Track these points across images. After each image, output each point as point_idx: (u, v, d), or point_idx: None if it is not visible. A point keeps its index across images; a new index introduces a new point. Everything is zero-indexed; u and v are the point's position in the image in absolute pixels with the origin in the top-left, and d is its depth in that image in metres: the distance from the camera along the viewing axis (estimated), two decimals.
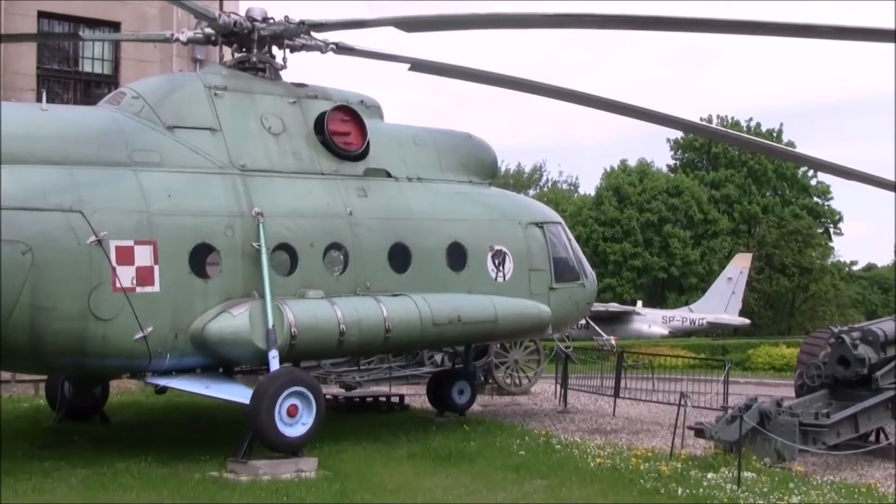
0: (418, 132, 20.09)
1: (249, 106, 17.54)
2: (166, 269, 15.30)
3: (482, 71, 18.91)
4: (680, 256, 75.54)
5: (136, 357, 15.17)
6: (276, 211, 16.70)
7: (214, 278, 15.93)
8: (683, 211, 77.39)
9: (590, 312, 31.04)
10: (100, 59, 28.31)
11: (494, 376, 28.39)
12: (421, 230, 18.72)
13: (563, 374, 26.17)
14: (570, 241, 21.83)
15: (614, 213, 76.27)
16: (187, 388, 15.86)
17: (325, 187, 17.73)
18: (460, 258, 19.25)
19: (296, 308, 16.12)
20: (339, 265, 17.86)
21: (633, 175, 79.81)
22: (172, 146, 16.27)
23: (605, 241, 75.81)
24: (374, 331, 17.11)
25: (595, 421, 22.98)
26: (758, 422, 17.01)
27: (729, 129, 67.52)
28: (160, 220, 15.39)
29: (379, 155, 18.92)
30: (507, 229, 20.24)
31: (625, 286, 74.70)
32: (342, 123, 18.39)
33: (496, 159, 21.62)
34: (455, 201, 19.68)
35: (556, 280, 20.79)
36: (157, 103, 16.62)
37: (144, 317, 14.98)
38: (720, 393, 23.59)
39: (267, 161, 17.21)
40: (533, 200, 24.10)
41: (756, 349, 47.54)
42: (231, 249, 16.07)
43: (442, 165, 19.97)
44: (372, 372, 26.03)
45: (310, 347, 16.52)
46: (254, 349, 15.56)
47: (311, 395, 15.25)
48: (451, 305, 18.37)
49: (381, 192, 18.55)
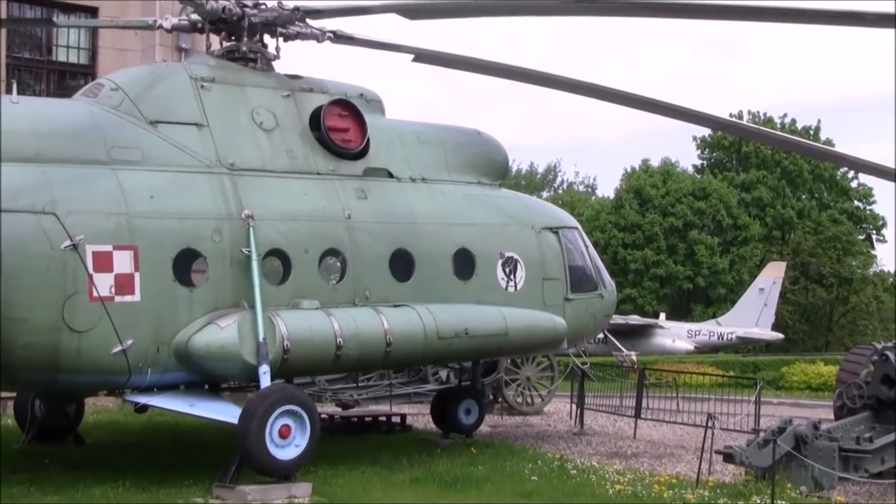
0: (423, 129, 20.12)
1: (239, 99, 17.57)
2: (148, 276, 15.31)
3: (492, 62, 18.95)
4: (707, 265, 75.45)
5: (115, 372, 15.16)
6: (268, 214, 16.73)
7: (200, 287, 15.94)
8: (711, 215, 77.35)
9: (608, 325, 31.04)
10: (75, 47, 28.37)
11: (504, 394, 28.39)
12: (425, 235, 18.74)
13: (579, 392, 26.14)
14: (587, 248, 21.83)
15: (635, 217, 76.25)
16: (170, 407, 15.85)
17: (321, 188, 17.76)
18: (468, 266, 19.27)
19: (289, 319, 16.14)
20: (336, 273, 17.87)
21: (657, 176, 79.82)
22: (155, 143, 16.29)
23: (625, 248, 75.79)
24: (374, 344, 17.12)
25: (614, 444, 22.95)
26: (793, 446, 16.98)
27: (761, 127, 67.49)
28: (141, 224, 15.41)
29: (380, 153, 18.95)
30: (519, 235, 20.26)
31: (647, 297, 74.67)
32: (340, 119, 18.43)
33: (507, 158, 21.64)
34: (462, 204, 19.70)
35: (571, 290, 20.80)
36: (138, 96, 16.65)
37: (124, 328, 14.98)
38: (751, 414, 23.54)
39: (258, 159, 17.24)
40: (547, 203, 24.15)
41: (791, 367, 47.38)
42: (218, 255, 16.09)
43: (448, 165, 20.00)
44: (371, 389, 26.05)
45: (304, 362, 16.52)
46: (243, 364, 15.57)
47: (305, 415, 15.24)
48: (457, 317, 18.39)
49: (382, 194, 18.57)
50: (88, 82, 19.76)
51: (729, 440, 20.05)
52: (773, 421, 20.23)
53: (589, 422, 25.98)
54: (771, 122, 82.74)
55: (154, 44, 27.27)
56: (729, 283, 76.59)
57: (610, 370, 31.72)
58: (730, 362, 49.76)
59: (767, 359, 53.38)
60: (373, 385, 26.37)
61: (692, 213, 76.49)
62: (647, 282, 75.23)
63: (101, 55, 28.09)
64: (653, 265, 75.19)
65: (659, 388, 29.99)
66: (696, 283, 75.99)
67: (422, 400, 26.92)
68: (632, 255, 75.25)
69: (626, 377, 29.82)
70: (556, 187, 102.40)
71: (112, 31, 27.48)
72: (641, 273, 75.23)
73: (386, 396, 25.83)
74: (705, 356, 53.95)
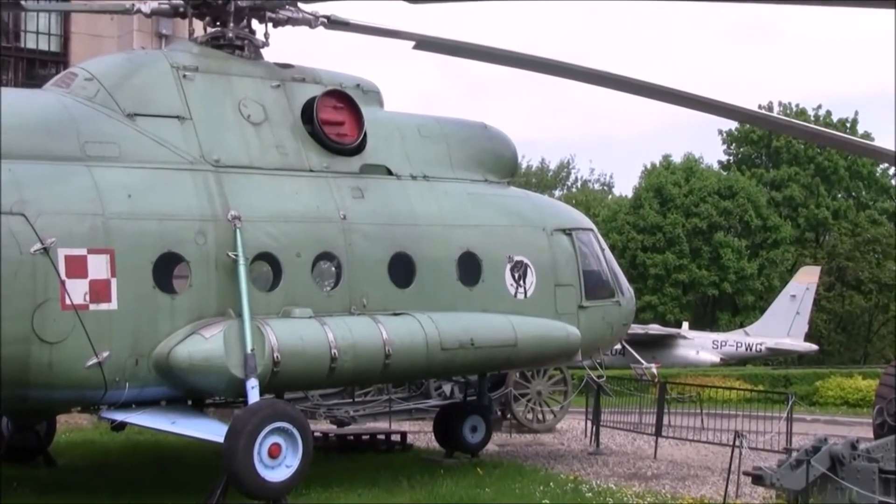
0: (425, 122, 20.15)
1: (225, 90, 17.60)
2: (125, 282, 15.32)
3: (500, 50, 18.96)
4: (734, 270, 75.38)
5: (89, 387, 15.18)
6: (257, 214, 16.76)
7: (183, 294, 15.97)
8: (738, 216, 77.28)
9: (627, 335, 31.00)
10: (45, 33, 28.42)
11: (513, 410, 28.39)
12: (427, 238, 18.77)
13: (594, 408, 26.11)
14: (603, 251, 21.85)
15: (656, 218, 76.21)
16: (150, 424, 15.89)
17: (314, 186, 17.79)
18: (473, 271, 19.30)
19: (279, 329, 16.14)
20: (331, 279, 17.89)
21: (679, 173, 79.76)
22: (133, 137, 16.32)
23: (644, 252, 75.75)
24: (372, 356, 17.13)
25: (633, 464, 22.94)
26: (828, 467, 16.94)
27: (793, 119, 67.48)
28: (118, 225, 15.42)
29: (378, 148, 18.99)
30: (529, 237, 20.29)
31: (668, 304, 74.60)
32: (335, 111, 18.46)
33: (516, 154, 21.68)
34: (467, 204, 19.73)
35: (586, 297, 20.82)
36: (114, 86, 16.68)
37: (99, 339, 15.00)
38: (782, 432, 23.53)
39: (245, 155, 17.27)
40: (559, 203, 24.12)
41: (825, 380, 47.36)
42: (203, 260, 16.11)
43: (452, 161, 20.03)
44: (369, 405, 26.05)
45: (295, 376, 16.53)
46: (229, 378, 15.58)
47: (297, 433, 15.28)
48: (462, 327, 18.40)
49: (381, 193, 18.60)
50: (60, 71, 19.79)
51: (758, 460, 20.02)
52: (806, 440, 20.23)
53: (605, 440, 25.96)
54: (804, 115, 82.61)
55: (132, 29, 27.32)
56: (758, 289, 76.49)
57: (628, 384, 31.67)
58: (759, 376, 49.73)
59: (800, 372, 53.27)
60: (370, 400, 26.37)
61: (717, 214, 76.40)
62: (669, 288, 75.13)
63: (74, 42, 28.14)
64: (675, 270, 75.09)
65: (681, 404, 29.97)
66: (722, 289, 75.86)
67: (424, 416, 26.92)
68: (652, 259, 75.19)
69: (645, 392, 29.80)
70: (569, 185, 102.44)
71: (86, 16, 27.49)
72: (662, 279, 75.15)
73: (385, 413, 25.83)
74: (732, 369, 53.90)
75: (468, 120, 21.14)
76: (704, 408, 28.87)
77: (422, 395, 27.00)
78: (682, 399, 31.45)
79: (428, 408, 26.42)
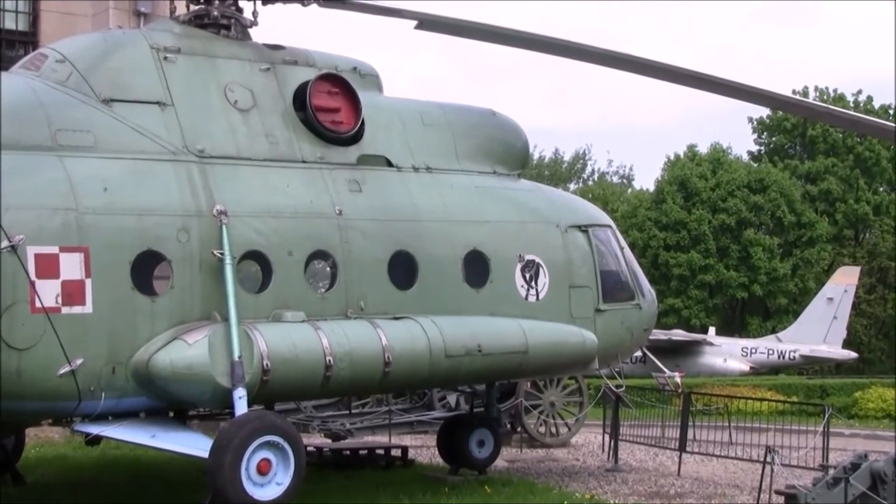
0: (428, 109, 20.17)
1: (209, 74, 17.62)
2: (101, 283, 15.33)
3: (510, 30, 18.93)
4: (765, 270, 75.42)
5: (62, 398, 15.18)
6: (244, 209, 16.77)
7: (164, 296, 15.99)
8: (770, 211, 77.28)
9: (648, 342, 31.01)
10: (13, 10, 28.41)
11: (524, 423, 28.41)
12: (430, 235, 18.79)
13: (612, 421, 26.14)
14: (622, 250, 21.87)
15: (680, 213, 76.25)
16: (128, 438, 15.90)
17: (307, 179, 17.80)
18: (481, 271, 19.31)
19: (269, 334, 16.15)
20: (326, 279, 17.91)
21: (705, 165, 79.79)
22: (109, 125, 16.33)
23: (667, 250, 75.79)
24: (370, 364, 17.15)
25: (655, 482, 22.95)
26: (869, 486, 16.93)
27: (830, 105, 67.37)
28: (93, 221, 15.43)
29: (377, 138, 19.01)
30: (542, 234, 20.31)
31: (693, 308, 74.66)
32: (329, 97, 18.47)
33: (527, 144, 21.71)
34: (474, 198, 19.75)
35: (604, 300, 20.84)
36: (88, 69, 16.69)
37: (72, 345, 15.00)
38: (818, 448, 23.53)
39: (232, 145, 17.29)
40: (575, 197, 24.13)
41: (865, 391, 47.42)
42: (185, 259, 16.12)
43: (458, 151, 20.05)
44: (367, 417, 26.06)
45: (287, 385, 16.53)
46: (214, 387, 15.59)
47: (289, 447, 15.31)
48: (468, 332, 18.43)
49: (380, 186, 18.62)
50: (29, 52, 19.80)
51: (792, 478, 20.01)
52: (844, 456, 20.20)
53: (625, 456, 25.97)
54: (842, 101, 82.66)
55: (107, 7, 27.32)
56: (791, 291, 76.54)
57: (650, 395, 31.70)
58: (793, 386, 49.80)
59: (838, 381, 53.35)
60: (369, 412, 26.39)
61: (747, 209, 76.43)
62: (694, 290, 75.19)
63: (44, 20, 28.14)
64: (700, 271, 75.13)
65: (708, 417, 29.99)
66: (752, 291, 75.89)
67: (426, 430, 26.95)
68: (675, 259, 75.23)
69: (668, 403, 29.81)
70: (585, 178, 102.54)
71: None
72: (687, 280, 75.20)
73: (384, 426, 25.83)
74: (763, 378, 53.98)
75: (475, 106, 21.15)
76: (733, 421, 28.89)
77: (424, 406, 27.02)
78: (709, 411, 31.46)
79: (431, 420, 26.44)
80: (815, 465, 21.58)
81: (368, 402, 26.86)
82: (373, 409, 26.58)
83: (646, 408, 29.65)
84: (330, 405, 25.73)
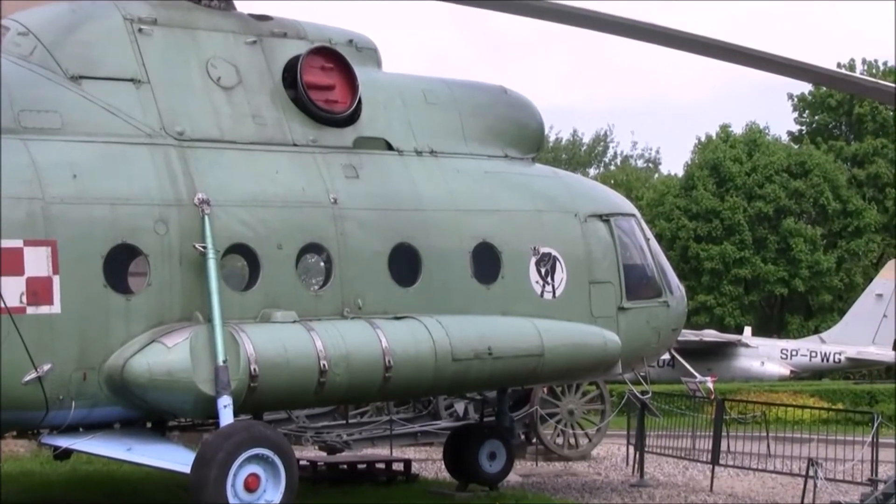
0: (432, 86, 20.16)
1: (189, 48, 17.61)
2: (70, 280, 15.35)
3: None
4: (807, 263, 75.30)
5: (27, 407, 15.21)
6: (229, 198, 16.77)
7: (140, 294, 16.00)
8: (812, 198, 77.17)
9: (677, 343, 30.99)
10: None
11: (540, 434, 28.42)
12: (435, 225, 18.78)
13: (637, 431, 26.15)
14: (647, 242, 21.85)
15: (712, 201, 76.15)
16: (101, 452, 15.94)
17: (298, 164, 17.80)
18: (491, 265, 19.31)
19: (257, 337, 16.15)
20: (319, 275, 17.93)
21: (740, 147, 79.69)
22: (78, 105, 16.34)
23: (698, 242, 75.70)
24: (369, 369, 17.14)
25: (684, 498, 22.97)
26: None
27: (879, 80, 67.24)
28: (61, 212, 15.44)
29: (376, 118, 19.00)
30: (559, 224, 20.31)
31: (727, 306, 74.58)
32: (323, 73, 18.45)
33: (542, 124, 21.68)
34: (484, 184, 19.74)
35: (627, 297, 20.83)
36: (55, 43, 16.69)
37: (39, 349, 15.02)
38: (866, 460, 23.52)
39: (215, 126, 17.29)
40: (595, 183, 24.16)
41: None
42: (164, 253, 16.13)
43: (465, 133, 20.03)
44: (365, 428, 26.08)
45: (277, 392, 16.54)
46: (196, 395, 15.59)
47: (279, 461, 15.32)
48: (477, 333, 18.42)
49: (379, 172, 18.62)
50: None
51: (837, 494, 20.06)
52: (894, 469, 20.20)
53: (651, 469, 25.97)
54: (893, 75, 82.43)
55: None
56: (836, 287, 76.39)
57: (679, 402, 31.70)
58: (838, 392, 49.69)
59: (888, 387, 53.23)
60: (368, 422, 26.41)
61: (787, 196, 76.31)
62: (728, 286, 75.10)
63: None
64: (735, 264, 75.03)
65: (743, 426, 29.97)
66: (793, 287, 75.77)
67: (432, 441, 26.95)
68: (707, 251, 75.12)
69: (699, 411, 29.81)
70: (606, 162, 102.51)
71: None
72: (720, 274, 75.11)
73: (385, 437, 25.86)
74: (805, 383, 53.86)
75: (485, 83, 21.15)
76: (771, 430, 28.86)
77: (429, 415, 27.03)
78: (745, 420, 31.45)
79: (437, 431, 26.45)
80: (862, 480, 21.59)
81: (367, 411, 26.87)
82: (372, 419, 26.60)
83: (675, 416, 29.64)
84: (325, 415, 25.74)
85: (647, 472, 25.50)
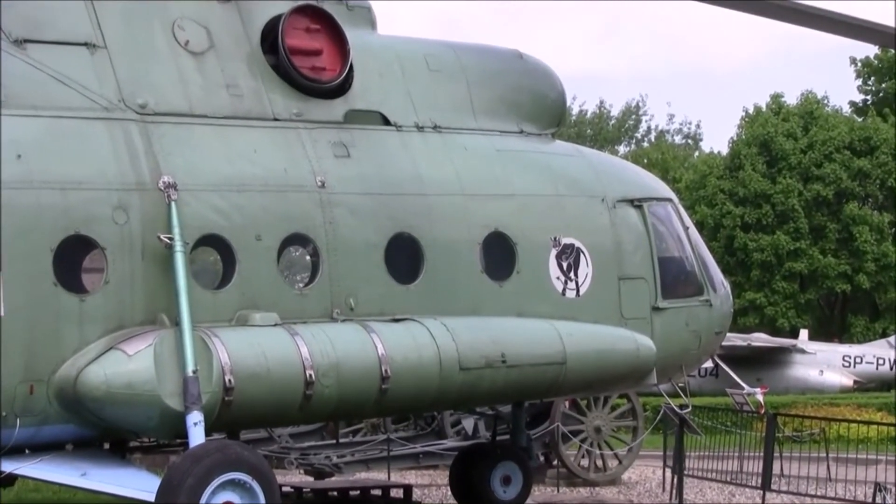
0: (435, 50, 20.19)
1: (152, 6, 17.60)
2: (14, 278, 15.35)
3: None
4: (873, 256, 75.29)
5: None
6: (199, 181, 16.79)
7: (96, 294, 16.01)
8: (879, 180, 77.15)
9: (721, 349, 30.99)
10: None
11: (562, 455, 28.45)
12: (439, 213, 18.81)
13: (675, 450, 26.15)
14: (686, 231, 21.85)
15: (761, 183, 76.14)
16: (51, 477, 15.94)
17: (280, 141, 17.82)
18: (505, 259, 19.34)
19: (232, 342, 16.14)
20: (305, 271, 17.93)
21: (794, 120, 79.65)
22: (23, 74, 16.34)
23: (746, 231, 75.71)
24: (363, 380, 17.14)
25: None
26: None
27: None
28: (4, 199, 15.41)
29: (370, 88, 19.03)
30: (583, 211, 20.34)
31: (780, 305, 74.59)
32: (308, 36, 18.45)
33: (564, 95, 21.70)
34: (496, 165, 19.76)
35: (663, 295, 20.85)
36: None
37: None
38: None
39: (183, 98, 17.31)
40: (626, 163, 24.13)
41: None
42: (123, 246, 16.13)
43: (474, 105, 20.04)
44: (359, 449, 26.12)
45: (256, 408, 16.54)
46: (162, 411, 15.59)
47: (258, 487, 15.35)
48: (489, 337, 18.43)
49: (374, 150, 18.64)
50: None
51: None
52: None
53: (692, 495, 26.01)
54: None
55: None
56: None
57: (723, 417, 31.72)
58: None
59: None
60: (361, 442, 26.46)
61: (849, 177, 76.26)
62: (781, 282, 75.10)
63: None
64: (789, 257, 75.04)
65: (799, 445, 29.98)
66: (857, 283, 75.73)
67: (436, 464, 26.99)
68: (756, 242, 75.11)
69: (748, 428, 29.83)
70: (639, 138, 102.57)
71: None
72: (771, 269, 75.10)
73: (382, 459, 25.90)
74: (871, 396, 53.89)
75: (497, 47, 21.18)
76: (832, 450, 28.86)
77: (433, 433, 27.08)
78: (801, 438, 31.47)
79: (442, 452, 26.49)
80: None
81: (361, 429, 26.91)
82: (367, 439, 26.65)
83: (719, 434, 29.65)
84: (312, 433, 25.78)
85: (687, 498, 25.52)
